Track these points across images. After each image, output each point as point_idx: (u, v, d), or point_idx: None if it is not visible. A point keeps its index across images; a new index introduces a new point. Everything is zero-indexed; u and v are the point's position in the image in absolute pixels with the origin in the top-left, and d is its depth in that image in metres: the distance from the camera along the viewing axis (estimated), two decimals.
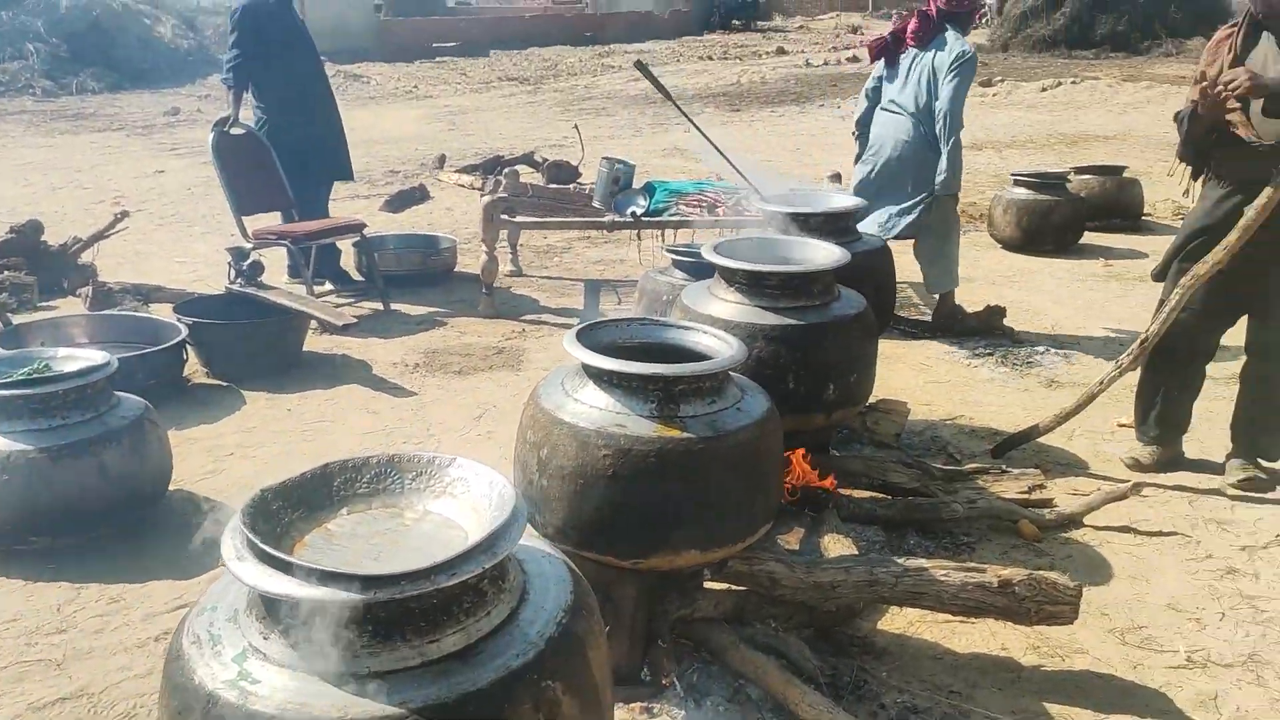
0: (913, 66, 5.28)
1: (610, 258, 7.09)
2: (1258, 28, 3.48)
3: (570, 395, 2.51)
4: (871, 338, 3.37)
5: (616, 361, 2.43)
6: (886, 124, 5.37)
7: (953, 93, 5.08)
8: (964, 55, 5.12)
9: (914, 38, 5.31)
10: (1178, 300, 3.59)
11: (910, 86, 5.26)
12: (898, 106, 5.32)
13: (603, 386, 2.48)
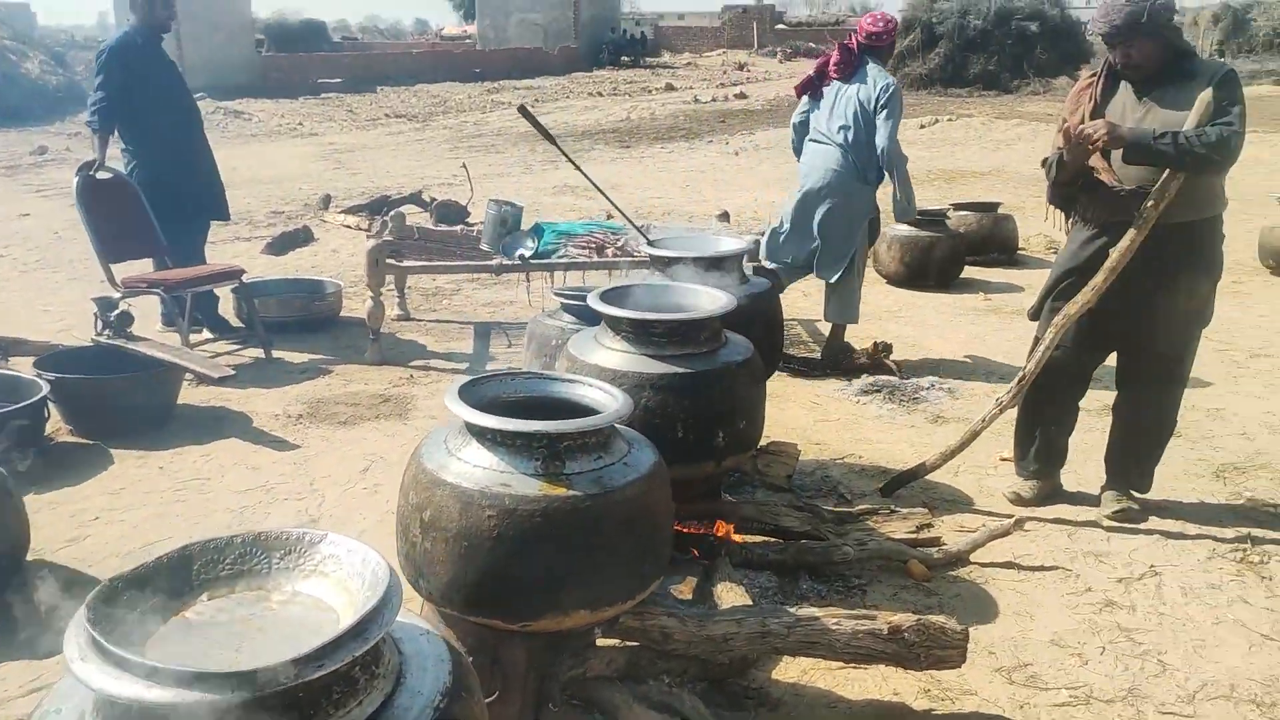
0: (838, 98, 5.44)
1: (500, 299, 7.01)
2: (1115, 78, 3.63)
3: (453, 454, 2.44)
4: (760, 383, 3.37)
5: (499, 419, 2.37)
6: (815, 154, 5.53)
7: (889, 130, 5.25)
8: (888, 88, 5.30)
9: (837, 70, 5.48)
10: (1052, 339, 3.69)
11: (836, 118, 5.42)
12: (825, 137, 5.47)
13: (486, 445, 2.41)
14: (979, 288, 7.45)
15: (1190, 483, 4.15)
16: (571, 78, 34.81)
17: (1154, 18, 3.39)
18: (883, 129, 5.25)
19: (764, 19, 52.58)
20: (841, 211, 5.47)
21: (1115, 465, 3.95)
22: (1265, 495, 4.01)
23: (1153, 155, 3.38)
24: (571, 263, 5.61)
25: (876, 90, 5.30)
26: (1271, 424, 4.75)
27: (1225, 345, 5.83)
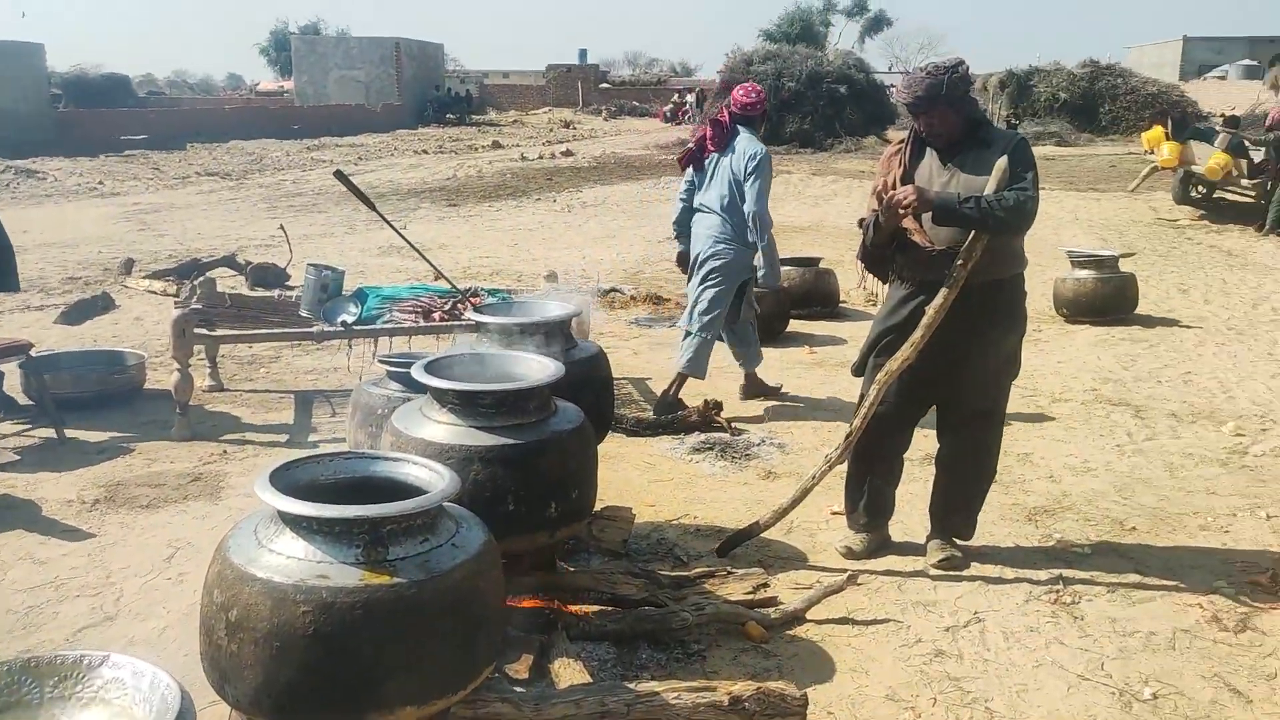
0: (716, 169, 5.74)
1: (323, 366, 6.73)
2: (921, 144, 3.80)
3: (264, 546, 2.27)
4: (591, 450, 3.32)
5: (315, 505, 2.23)
6: (700, 223, 5.83)
7: (756, 195, 5.53)
8: (755, 156, 5.57)
9: (713, 143, 5.78)
10: (875, 395, 3.79)
11: (715, 188, 5.72)
12: (706, 207, 5.77)
13: (301, 533, 2.26)
14: (804, 341, 7.65)
15: (1006, 527, 4.31)
16: (396, 135, 34.42)
17: (952, 89, 3.59)
18: (749, 194, 5.54)
19: (588, 78, 53.59)
20: (720, 272, 5.75)
21: (939, 514, 4.07)
22: (1073, 536, 4.21)
23: (959, 218, 3.55)
24: (397, 328, 5.45)
25: (745, 159, 5.59)
26: (1074, 466, 5.01)
27: (1029, 392, 6.16)
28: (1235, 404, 6.05)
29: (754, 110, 5.79)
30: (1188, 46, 55.42)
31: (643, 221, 14.25)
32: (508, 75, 64.21)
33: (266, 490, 2.27)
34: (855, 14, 60.18)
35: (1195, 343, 7.57)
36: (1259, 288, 9.66)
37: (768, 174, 5.61)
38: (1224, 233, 13.13)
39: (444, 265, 10.40)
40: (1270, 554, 4.03)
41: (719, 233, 5.70)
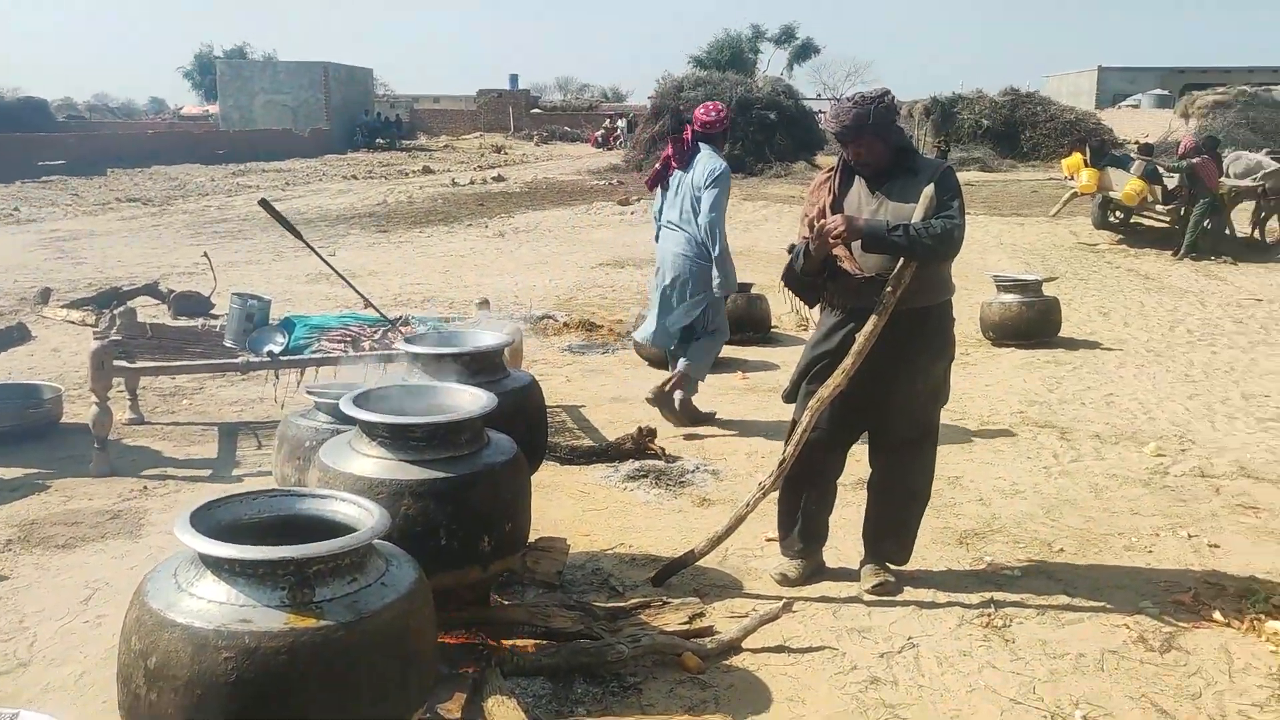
0: (679, 186, 5.96)
1: (248, 397, 6.58)
2: (850, 172, 3.85)
3: (184, 590, 2.20)
4: (525, 482, 3.28)
5: (235, 547, 2.16)
6: (666, 239, 6.03)
7: (710, 204, 5.75)
8: (715, 170, 5.80)
9: (676, 162, 6.01)
10: (807, 422, 3.81)
11: (679, 204, 5.93)
12: (672, 224, 5.98)
13: (223, 576, 2.19)
14: (737, 367, 7.68)
15: (938, 550, 4.36)
16: (324, 160, 34.04)
17: (879, 119, 3.65)
18: (704, 204, 5.78)
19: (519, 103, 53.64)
20: (687, 286, 5.96)
21: (872, 539, 4.09)
22: (1003, 559, 4.27)
23: (888, 246, 3.60)
24: (325, 358, 5.36)
25: (705, 174, 5.82)
26: (1003, 489, 5.09)
27: (958, 415, 6.26)
28: (1155, 425, 6.20)
29: (715, 128, 5.98)
30: (1102, 76, 57.34)
31: (575, 247, 14.26)
32: (438, 100, 63.97)
33: (186, 532, 2.20)
34: (783, 42, 61.17)
35: (1116, 365, 7.76)
36: (1175, 310, 9.96)
37: (725, 186, 5.81)
38: (1141, 257, 13.53)
39: (374, 293, 10.27)
40: (1192, 573, 4.12)
41: (684, 248, 5.89)
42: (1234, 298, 10.68)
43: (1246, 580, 4.01)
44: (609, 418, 6.37)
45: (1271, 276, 12.08)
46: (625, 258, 13.25)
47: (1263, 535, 4.52)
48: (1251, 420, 6.28)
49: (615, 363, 7.83)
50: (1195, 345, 8.45)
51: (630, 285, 11.19)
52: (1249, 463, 5.48)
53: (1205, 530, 4.56)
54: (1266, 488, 5.12)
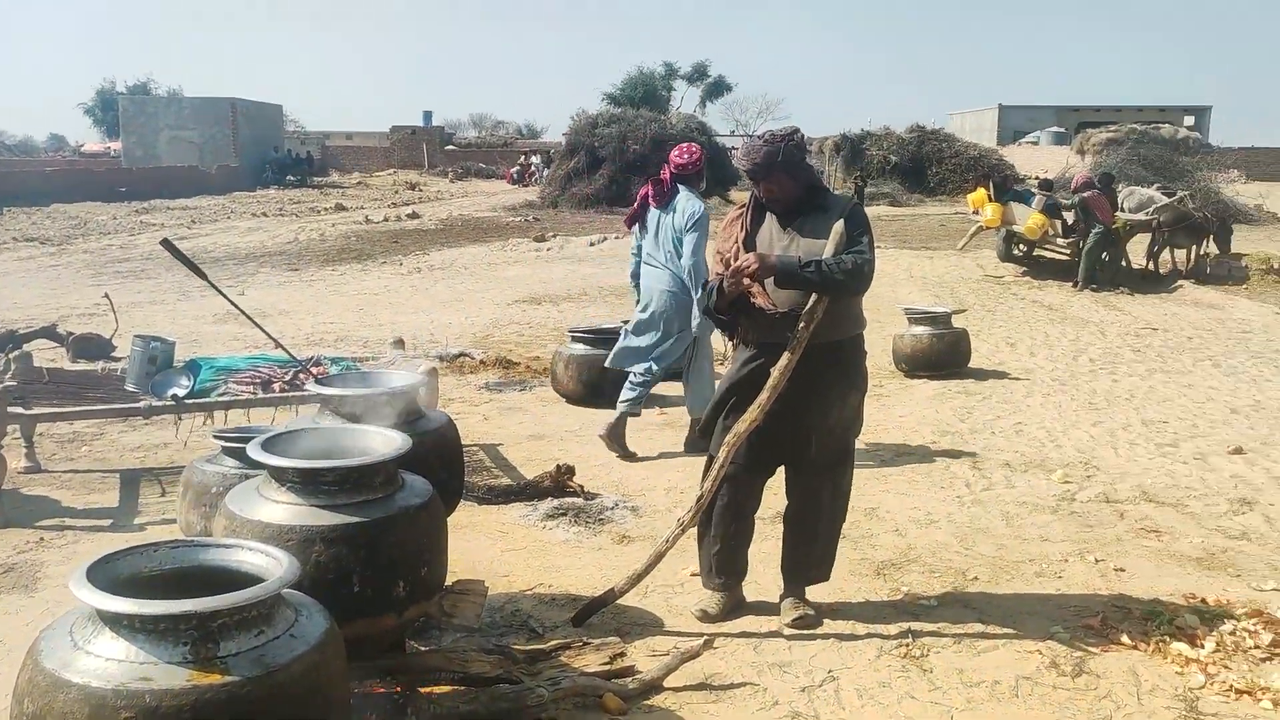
0: (659, 225, 6.16)
1: (152, 442, 6.36)
2: (761, 209, 3.90)
3: (80, 648, 2.10)
4: (441, 524, 3.22)
5: (134, 602, 2.08)
6: (648, 276, 6.27)
7: (692, 248, 5.98)
8: (695, 214, 6.02)
9: (655, 200, 6.20)
10: (725, 457, 3.82)
11: (660, 244, 6.15)
12: (654, 261, 6.20)
13: (121, 633, 2.10)
14: (655, 402, 7.67)
15: (856, 582, 4.39)
16: (233, 197, 33.39)
17: (788, 156, 3.72)
18: (686, 248, 6.01)
19: (433, 140, 53.38)
20: (674, 321, 6.20)
21: (790, 572, 4.11)
22: (920, 588, 4.32)
23: (801, 282, 3.65)
24: (233, 400, 5.22)
25: (685, 216, 6.03)
26: (918, 519, 5.16)
27: (873, 446, 6.35)
28: (1062, 452, 6.37)
29: (689, 169, 6.21)
30: (1003, 114, 59.36)
31: (491, 284, 14.19)
32: (351, 137, 63.38)
33: (83, 587, 2.11)
34: (696, 79, 62.03)
35: (1024, 394, 7.97)
36: (1078, 340, 10.28)
37: (705, 229, 6.03)
38: (1044, 288, 13.97)
39: (286, 333, 10.07)
40: (1099, 597, 4.22)
41: (668, 285, 6.13)
42: (1132, 327, 11.07)
43: (1151, 603, 4.12)
44: (527, 455, 6.31)
45: (1166, 306, 12.57)
46: (542, 294, 13.23)
47: (1165, 558, 4.66)
48: (1151, 446, 6.50)
49: (533, 400, 7.78)
50: (1097, 374, 8.73)
51: (547, 322, 11.15)
52: (1150, 487, 5.66)
53: (1111, 555, 4.69)
54: (1167, 511, 5.28)
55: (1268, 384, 8.31)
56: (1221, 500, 5.42)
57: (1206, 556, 4.67)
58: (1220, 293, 13.44)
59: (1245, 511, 5.26)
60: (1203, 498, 5.48)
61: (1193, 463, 6.12)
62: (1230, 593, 4.23)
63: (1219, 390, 8.08)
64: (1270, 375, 8.63)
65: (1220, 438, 6.66)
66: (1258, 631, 3.78)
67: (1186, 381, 8.41)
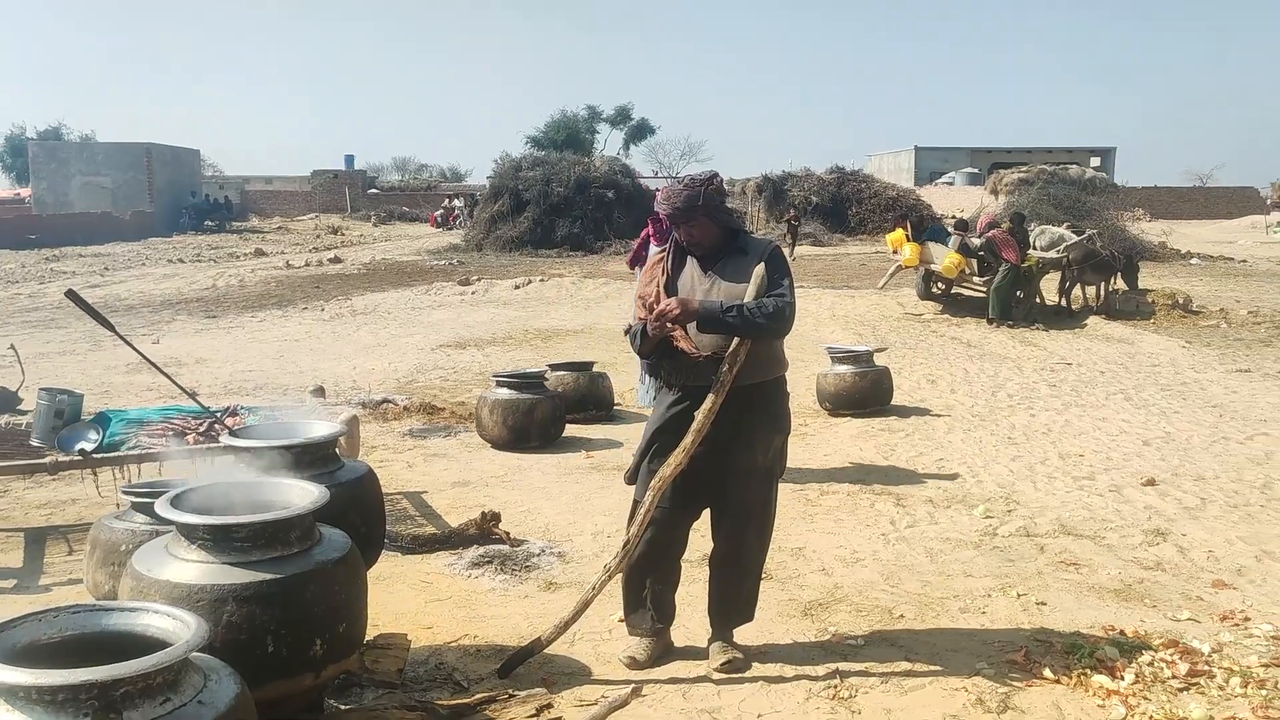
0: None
1: (60, 498, 6.12)
2: (682, 253, 3.93)
3: None
4: (360, 579, 3.14)
5: (30, 672, 1.98)
6: None
7: None
8: None
9: (656, 240, 6.48)
10: (650, 501, 3.80)
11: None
12: None
13: (19, 705, 2.00)
14: (581, 445, 7.65)
15: (784, 624, 4.38)
16: (148, 244, 32.70)
17: (708, 201, 3.76)
18: None
19: (356, 184, 52.96)
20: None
21: (718, 615, 4.09)
22: (847, 628, 4.33)
23: (723, 326, 3.67)
24: (144, 454, 5.05)
25: None
26: (844, 557, 5.19)
27: (799, 485, 6.38)
28: (983, 487, 6.48)
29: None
30: (919, 155, 60.96)
31: (415, 329, 14.05)
32: (271, 181, 62.55)
33: None
34: (619, 123, 62.62)
35: (945, 430, 8.10)
36: (996, 375, 10.52)
37: None
38: (962, 325, 14.28)
39: (202, 382, 9.86)
40: (1022, 632, 4.27)
41: None
42: (1047, 362, 11.37)
43: (1072, 636, 4.18)
44: (452, 503, 6.22)
45: (1079, 341, 12.94)
46: (467, 338, 13.13)
47: (1084, 591, 4.74)
48: (1069, 479, 6.64)
49: (458, 446, 7.68)
50: (1015, 409, 8.92)
51: (472, 366, 11.06)
52: (1068, 520, 5.78)
53: (1033, 588, 4.76)
54: (1085, 544, 5.39)
55: (1176, 415, 8.57)
56: (1136, 531, 5.55)
57: (1124, 588, 4.77)
58: (1129, 327, 13.88)
59: (1159, 542, 5.39)
60: (1119, 529, 5.61)
61: (1108, 495, 6.27)
62: (1147, 623, 4.32)
63: (1131, 423, 8.31)
64: (1178, 407, 8.91)
65: (1133, 469, 6.84)
66: (1175, 662, 3.85)
67: (1100, 415, 8.63)
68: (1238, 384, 9.99)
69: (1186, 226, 35.31)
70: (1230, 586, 4.78)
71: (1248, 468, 6.87)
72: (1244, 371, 10.65)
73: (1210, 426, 8.14)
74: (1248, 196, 50.75)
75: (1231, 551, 5.24)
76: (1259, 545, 5.32)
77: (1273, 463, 7.00)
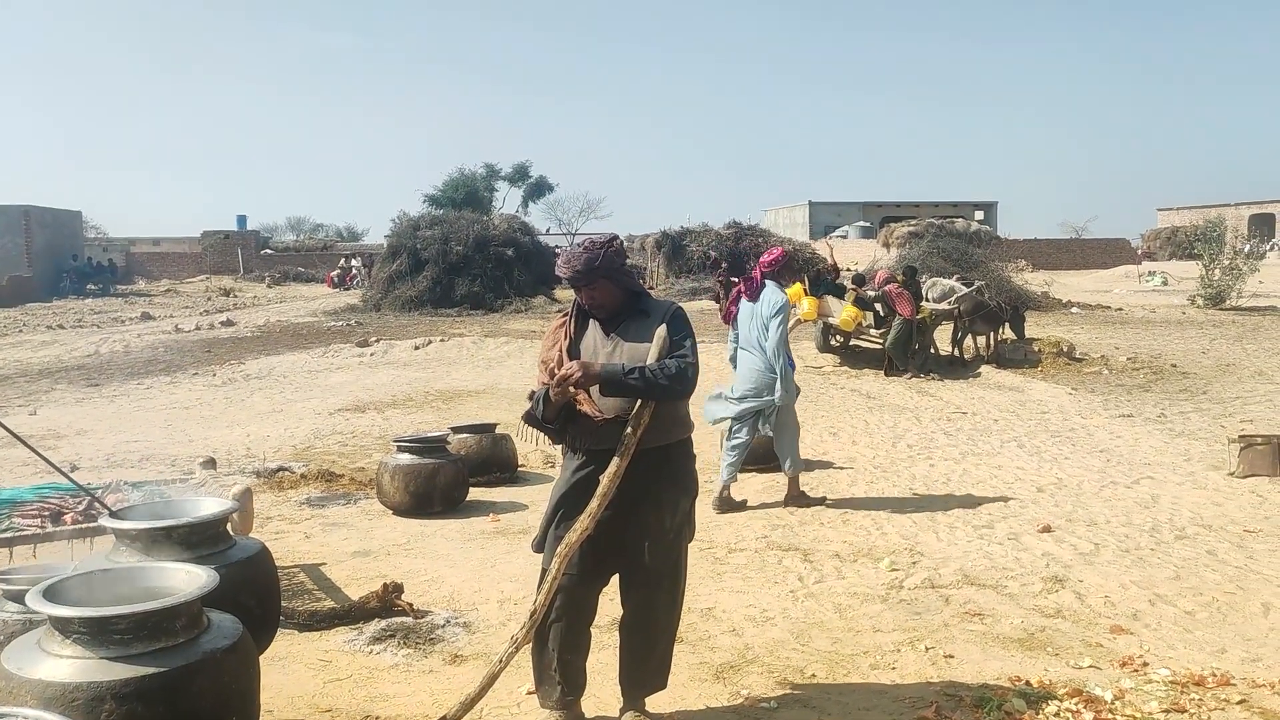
0: (752, 316, 7.31)
1: None
2: (585, 315, 3.89)
3: None
4: (251, 667, 2.97)
5: None
6: (744, 359, 7.37)
7: (776, 334, 7.12)
8: (777, 303, 7.20)
9: (747, 295, 7.40)
10: (557, 569, 3.71)
11: (753, 330, 7.28)
12: (748, 345, 7.30)
13: None
14: (486, 509, 7.50)
15: (696, 688, 4.32)
16: (26, 309, 31.38)
17: (608, 263, 3.75)
18: (771, 334, 7.15)
19: (249, 244, 51.81)
20: (760, 394, 7.31)
21: (629, 682, 4.01)
22: (759, 690, 4.28)
23: (625, 389, 3.64)
24: (18, 536, 4.75)
25: (770, 306, 7.21)
26: (754, 617, 5.16)
27: (707, 544, 6.35)
28: (888, 539, 6.54)
29: (776, 266, 7.43)
30: (813, 210, 62.52)
31: (312, 393, 13.70)
32: (159, 242, 60.81)
33: None
34: (517, 180, 62.67)
35: (849, 483, 8.18)
36: (895, 426, 10.71)
37: (785, 315, 7.25)
38: (861, 377, 14.55)
39: (83, 455, 9.42)
40: (932, 686, 4.29)
41: (759, 365, 7.23)
42: (944, 411, 11.63)
43: (980, 689, 4.21)
44: (352, 574, 6.01)
45: (973, 390, 13.29)
46: (366, 401, 12.85)
47: (989, 641, 4.79)
48: (969, 528, 6.75)
49: (358, 514, 7.45)
50: (915, 459, 9.08)
51: (372, 430, 10.80)
52: (970, 570, 5.86)
53: (940, 641, 4.79)
54: (988, 593, 5.46)
55: (1066, 461, 8.83)
56: (1036, 579, 5.66)
57: (1027, 636, 4.84)
58: (1019, 375, 14.33)
59: (1058, 589, 5.49)
60: (1019, 577, 5.71)
61: (1007, 543, 6.39)
62: (1051, 672, 4.38)
63: (1025, 470, 8.53)
64: (1068, 453, 9.18)
65: (1030, 516, 6.99)
66: (1080, 711, 3.91)
67: (996, 463, 8.84)
68: (1121, 429, 10.36)
69: (1066, 276, 36.81)
70: (1128, 631, 4.89)
71: (1136, 511, 7.09)
72: (1126, 416, 11.06)
73: (1099, 471, 8.40)
74: (1120, 247, 53.24)
75: (1126, 596, 5.38)
76: (1151, 589, 5.47)
77: (1159, 506, 7.24)
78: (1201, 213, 49.92)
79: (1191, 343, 18.09)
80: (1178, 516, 6.95)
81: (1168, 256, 49.00)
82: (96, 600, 2.75)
